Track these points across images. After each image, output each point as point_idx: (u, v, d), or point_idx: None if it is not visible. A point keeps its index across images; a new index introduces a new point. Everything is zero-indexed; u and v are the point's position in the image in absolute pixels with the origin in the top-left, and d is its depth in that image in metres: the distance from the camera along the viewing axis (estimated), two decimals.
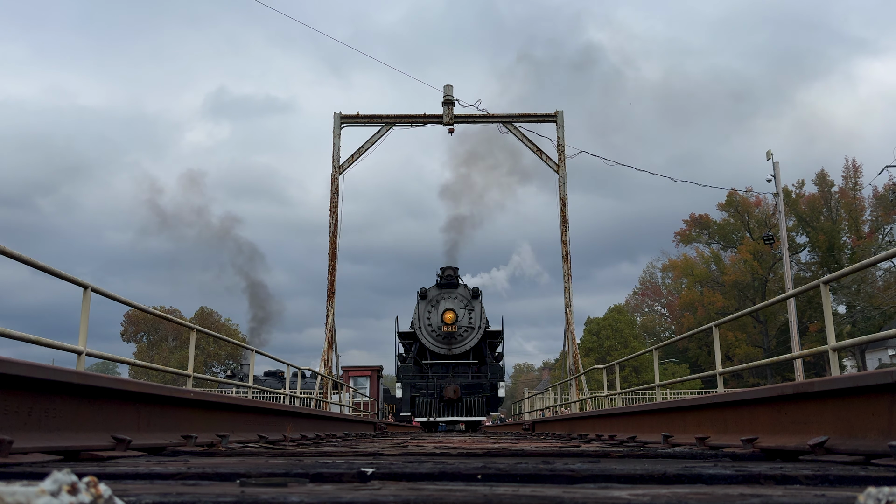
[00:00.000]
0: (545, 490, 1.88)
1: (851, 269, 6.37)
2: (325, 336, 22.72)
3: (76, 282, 6.15)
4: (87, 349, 6.18)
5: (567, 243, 23.61)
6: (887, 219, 45.54)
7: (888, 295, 44.18)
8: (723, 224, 57.45)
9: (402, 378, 24.55)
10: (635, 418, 7.48)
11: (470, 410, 23.73)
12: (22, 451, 2.89)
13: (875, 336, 6.49)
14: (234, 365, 59.84)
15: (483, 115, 24.29)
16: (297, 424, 7.91)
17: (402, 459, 3.32)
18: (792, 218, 49.80)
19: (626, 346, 55.07)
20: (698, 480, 2.26)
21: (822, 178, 51.59)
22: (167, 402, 4.55)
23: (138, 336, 68.47)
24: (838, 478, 2.24)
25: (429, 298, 25.71)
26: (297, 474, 2.28)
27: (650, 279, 68.78)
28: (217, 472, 2.38)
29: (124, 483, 2.09)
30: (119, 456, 3.42)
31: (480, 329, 25.32)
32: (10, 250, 5.12)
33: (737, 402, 4.71)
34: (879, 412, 3.08)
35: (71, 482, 1.10)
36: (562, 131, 24.30)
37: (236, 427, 5.83)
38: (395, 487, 1.97)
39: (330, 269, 23.38)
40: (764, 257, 51.18)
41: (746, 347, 51.20)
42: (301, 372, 16.43)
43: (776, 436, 3.99)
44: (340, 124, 24.33)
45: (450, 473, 2.38)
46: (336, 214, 23.73)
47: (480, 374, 24.69)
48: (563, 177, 24.01)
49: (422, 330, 25.28)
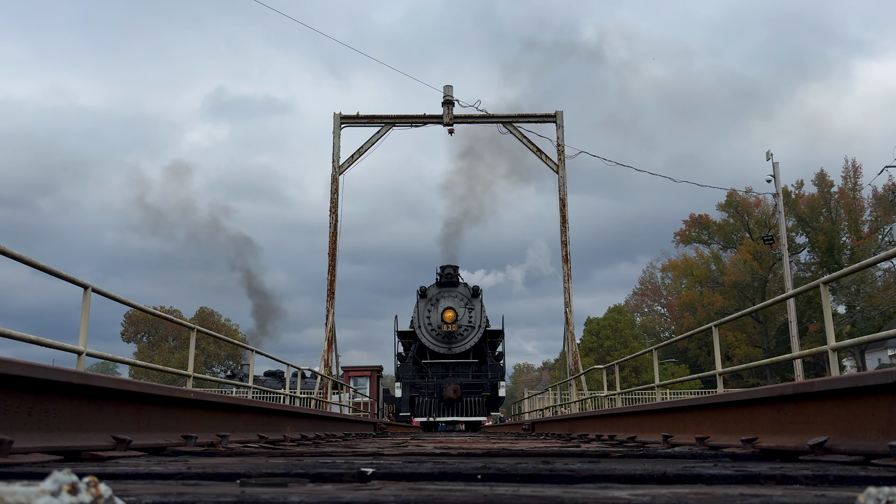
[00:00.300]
0: (545, 490, 1.88)
1: (851, 269, 6.37)
2: (324, 336, 22.72)
3: (76, 282, 6.15)
4: (87, 349, 6.18)
5: (567, 243, 23.61)
6: (887, 219, 45.52)
7: (888, 295, 44.19)
8: (722, 224, 57.49)
9: (401, 378, 24.28)
10: (635, 418, 7.48)
11: (470, 410, 23.49)
12: (22, 451, 2.89)
13: (875, 336, 6.49)
14: (234, 365, 59.87)
15: (483, 115, 24.30)
16: (298, 424, 7.91)
17: (402, 459, 3.32)
18: (791, 218, 49.82)
19: (625, 347, 55.06)
20: (698, 480, 2.26)
21: (822, 178, 51.61)
22: (167, 402, 4.55)
23: (138, 336, 68.48)
24: (838, 478, 2.24)
25: (428, 297, 25.47)
26: (297, 474, 2.28)
27: (650, 279, 68.82)
28: (217, 472, 2.38)
29: (125, 483, 2.09)
30: (119, 456, 3.42)
31: (480, 328, 25.10)
32: (10, 251, 5.12)
33: (736, 403, 4.71)
34: (879, 412, 3.08)
35: (71, 482, 1.10)
36: (562, 132, 24.31)
37: (236, 427, 5.83)
38: (396, 487, 1.97)
39: (330, 269, 23.38)
40: (763, 257, 51.21)
41: (746, 347, 51.22)
42: (301, 372, 16.43)
43: (776, 436, 3.99)
44: (340, 124, 24.34)
45: (450, 473, 2.38)
46: (336, 214, 23.73)
47: (480, 374, 24.46)
48: (563, 177, 24.02)
49: (421, 329, 25.04)
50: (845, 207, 50.31)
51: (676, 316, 60.07)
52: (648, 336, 64.23)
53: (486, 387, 24.09)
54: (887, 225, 45.69)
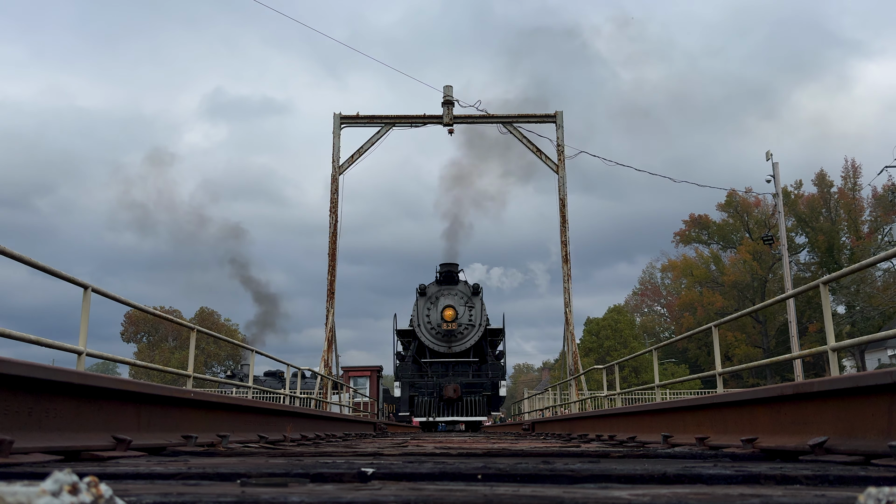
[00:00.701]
0: (545, 490, 1.89)
1: (851, 269, 6.37)
2: (324, 336, 22.71)
3: (76, 282, 6.16)
4: (87, 349, 6.18)
5: (567, 243, 23.60)
6: (886, 219, 45.55)
7: (887, 295, 44.20)
8: (722, 224, 57.50)
9: (400, 377, 23.91)
10: (635, 418, 7.48)
11: (470, 410, 23.12)
12: (23, 451, 2.89)
13: (874, 336, 6.49)
14: (233, 365, 59.86)
15: (483, 115, 24.29)
16: (298, 424, 7.91)
17: (402, 459, 3.32)
18: (791, 218, 49.83)
19: (625, 347, 55.06)
20: (698, 480, 2.26)
21: (822, 178, 51.62)
22: (167, 402, 4.55)
23: (138, 336, 68.48)
24: (838, 478, 2.24)
25: (428, 295, 25.12)
26: (297, 474, 2.28)
27: (650, 279, 68.84)
28: (217, 472, 2.38)
29: (125, 483, 2.09)
30: (120, 456, 3.42)
31: (481, 327, 24.77)
32: (10, 251, 5.12)
33: (736, 403, 4.71)
34: (879, 412, 3.09)
35: (72, 482, 1.10)
36: (561, 132, 24.31)
37: (236, 427, 5.83)
38: (396, 487, 1.97)
39: (330, 270, 23.36)
40: (763, 257, 51.22)
41: (746, 348, 51.23)
42: (301, 372, 16.43)
43: (776, 436, 3.99)
44: (340, 124, 24.34)
45: (450, 473, 2.38)
46: (336, 215, 23.72)
47: (481, 373, 24.11)
48: (563, 177, 24.02)
49: (421, 327, 24.70)
50: (845, 207, 50.32)
51: (676, 316, 60.09)
52: (648, 336, 64.24)
53: (487, 386, 23.75)
54: (887, 225, 45.72)
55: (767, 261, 51.22)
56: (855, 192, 50.34)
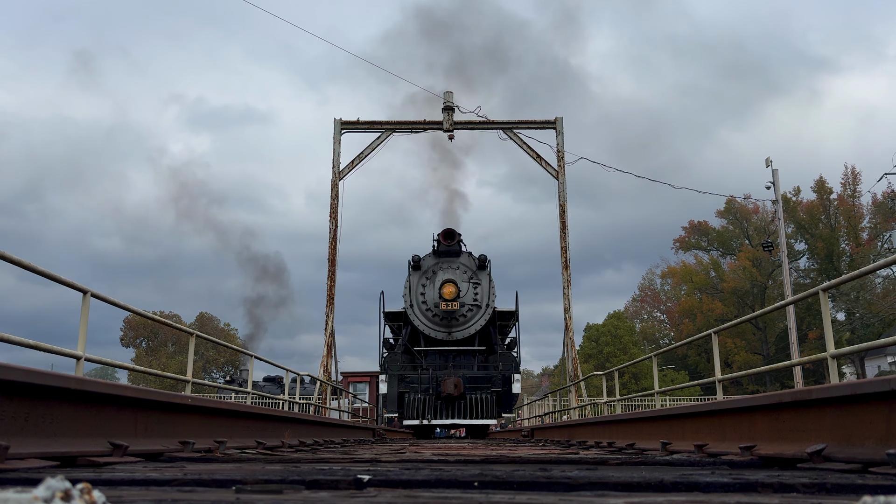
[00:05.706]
0: (542, 497, 1.88)
1: (850, 276, 6.37)
2: (324, 342, 22.69)
3: (76, 287, 6.15)
4: (86, 354, 6.17)
5: (566, 249, 23.60)
6: (886, 226, 45.58)
7: (887, 302, 44.18)
8: (722, 231, 57.58)
9: (387, 369, 19.08)
10: (634, 425, 7.47)
11: (474, 411, 18.36)
12: (18, 456, 2.89)
13: (874, 343, 6.48)
14: (232, 370, 59.77)
15: (483, 121, 24.35)
16: (296, 430, 7.89)
17: (399, 466, 3.32)
18: (791, 225, 49.87)
19: (625, 353, 55.00)
20: (695, 488, 2.25)
21: (821, 185, 51.68)
22: (165, 407, 4.54)
23: (137, 341, 68.42)
24: (836, 486, 2.24)
25: (423, 269, 20.17)
26: (293, 481, 2.28)
27: (649, 286, 68.85)
28: (213, 479, 2.38)
29: (120, 489, 2.08)
30: (116, 462, 3.41)
31: (489, 307, 19.93)
32: (10, 255, 5.12)
33: (735, 410, 4.71)
34: (877, 420, 3.08)
35: (64, 489, 1.10)
36: (561, 138, 24.36)
37: (234, 433, 5.82)
38: (391, 495, 1.96)
39: (329, 275, 23.35)
40: (763, 264, 51.25)
41: (745, 354, 51.20)
42: (300, 378, 16.40)
43: (774, 443, 3.98)
44: (340, 130, 24.40)
45: (446, 480, 2.38)
46: (336, 220, 23.73)
47: (489, 365, 19.45)
48: (563, 183, 24.06)
49: (414, 308, 19.86)
50: (844, 214, 50.38)
51: (676, 322, 60.09)
52: (648, 342, 64.19)
53: (497, 381, 18.92)
54: (886, 232, 45.71)
55: (767, 267, 51.24)
56: (854, 199, 50.41)
